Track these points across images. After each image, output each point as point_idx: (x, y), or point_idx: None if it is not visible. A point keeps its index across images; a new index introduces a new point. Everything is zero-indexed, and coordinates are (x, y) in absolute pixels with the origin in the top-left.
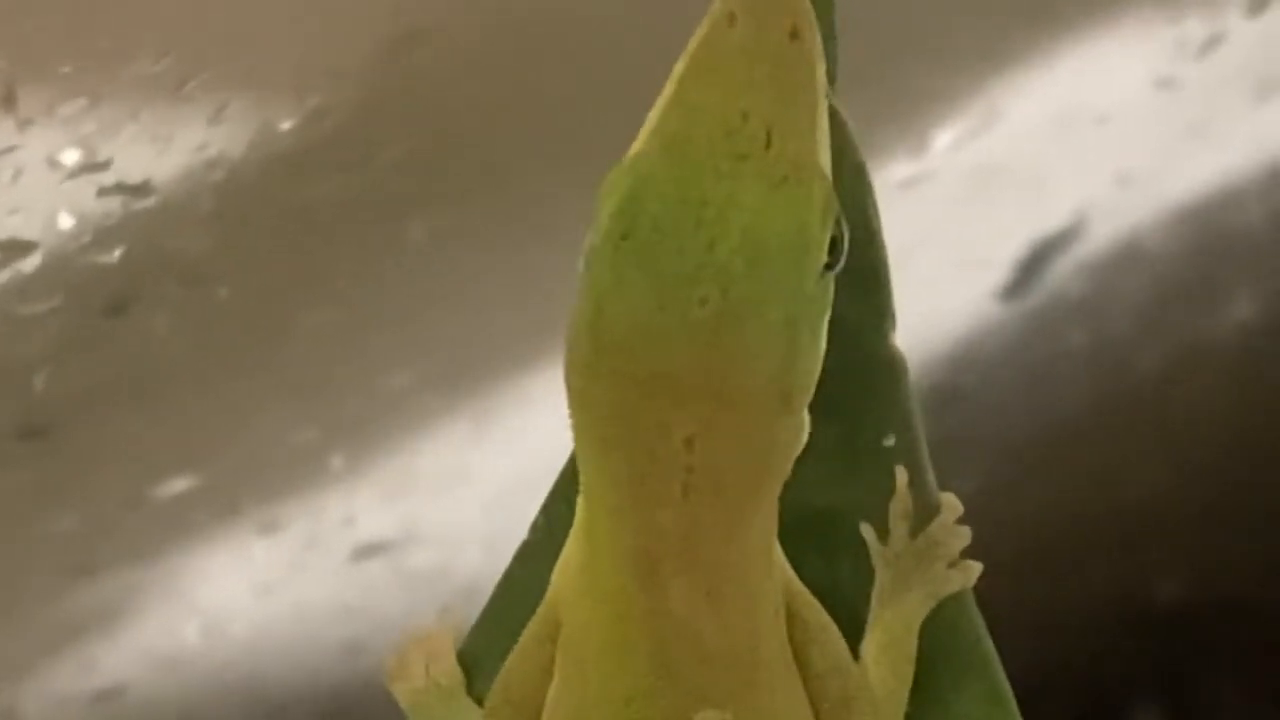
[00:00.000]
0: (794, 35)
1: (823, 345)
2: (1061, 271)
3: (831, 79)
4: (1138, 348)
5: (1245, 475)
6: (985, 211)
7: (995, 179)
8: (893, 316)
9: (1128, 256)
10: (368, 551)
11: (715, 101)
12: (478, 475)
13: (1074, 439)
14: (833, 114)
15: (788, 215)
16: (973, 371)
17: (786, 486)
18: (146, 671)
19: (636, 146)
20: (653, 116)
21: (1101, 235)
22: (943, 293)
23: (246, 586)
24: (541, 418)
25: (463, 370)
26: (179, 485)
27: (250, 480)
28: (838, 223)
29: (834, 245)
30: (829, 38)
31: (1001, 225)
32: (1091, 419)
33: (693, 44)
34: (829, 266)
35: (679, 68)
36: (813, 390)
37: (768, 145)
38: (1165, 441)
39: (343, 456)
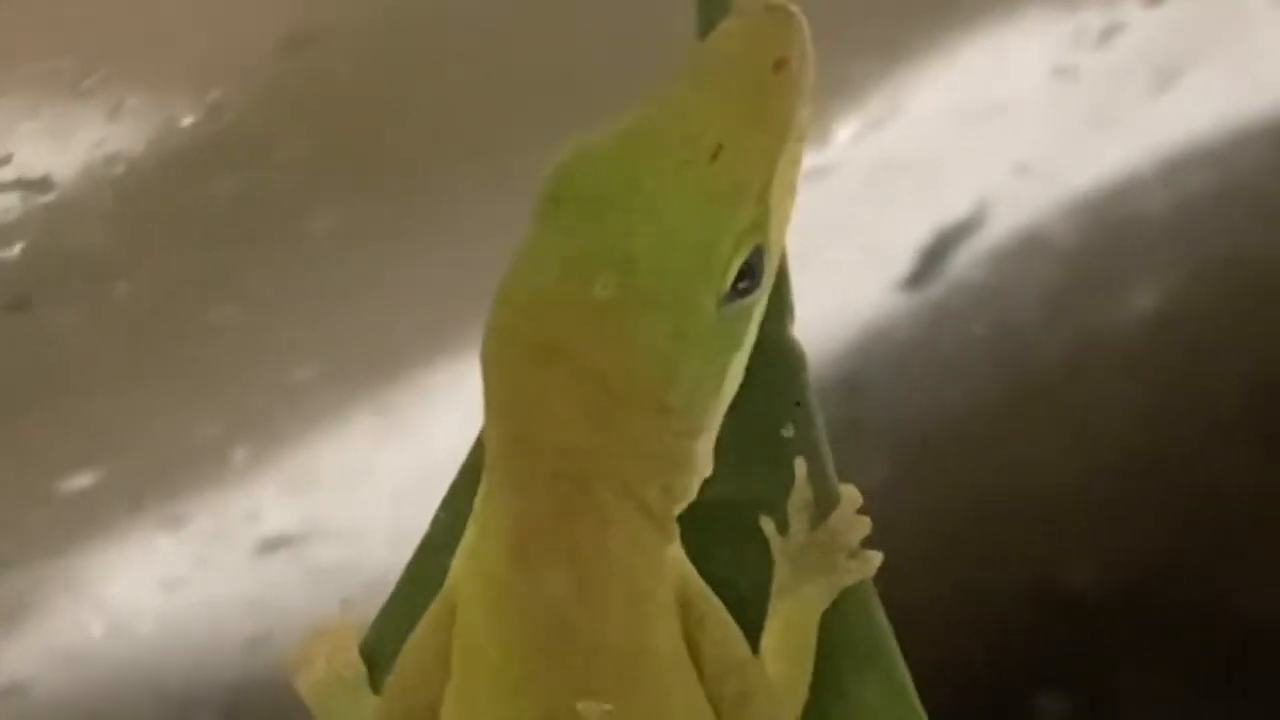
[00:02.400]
0: (780, 66)
1: (727, 377)
2: (963, 261)
3: None
4: (1041, 336)
5: (1150, 463)
6: (887, 202)
7: (897, 170)
8: (791, 308)
9: (1029, 246)
10: (272, 546)
11: (680, 105)
12: (382, 470)
13: (978, 428)
14: None
15: (703, 231)
16: (877, 361)
17: None
18: (50, 668)
19: None
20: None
21: (1003, 225)
22: (846, 284)
23: (151, 582)
24: (445, 413)
25: (366, 365)
26: (82, 481)
27: (154, 476)
28: (757, 253)
29: (747, 273)
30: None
31: (904, 216)
32: (996, 408)
33: (693, 51)
34: (737, 294)
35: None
36: (708, 417)
37: (714, 159)
38: (1070, 430)
39: (246, 452)
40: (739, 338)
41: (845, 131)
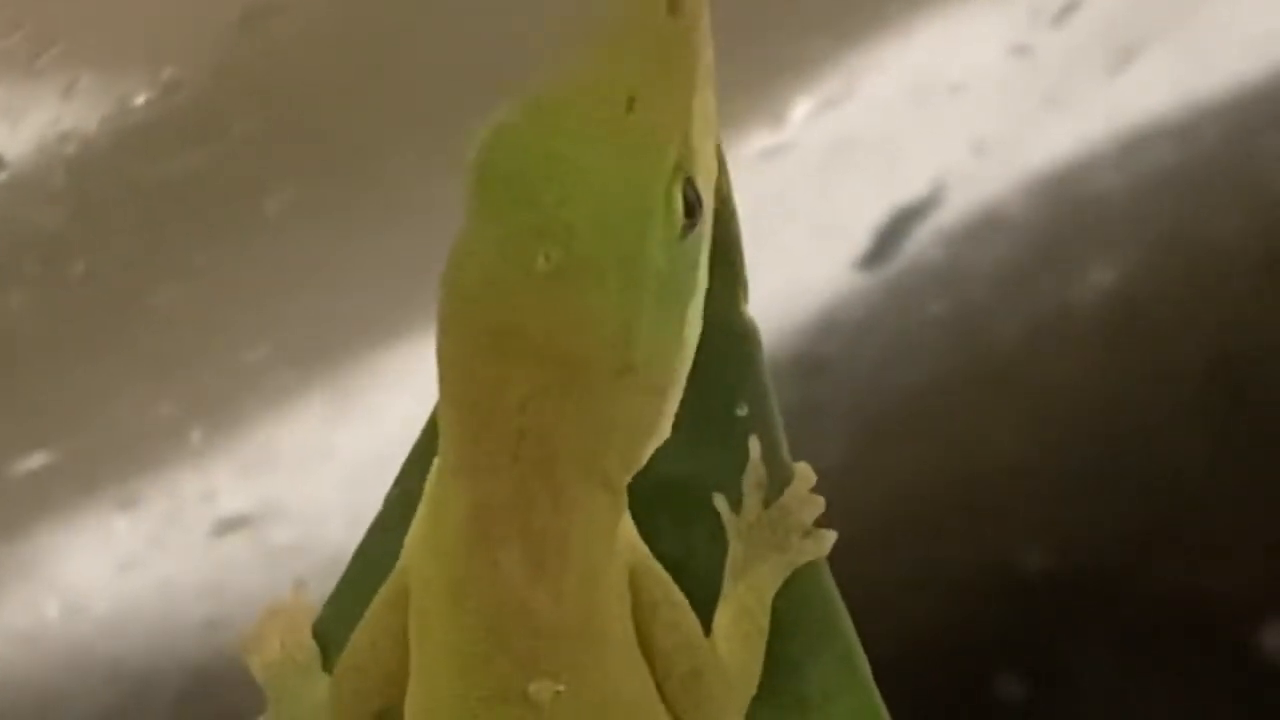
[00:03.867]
0: (674, 10)
1: (686, 324)
2: (920, 240)
3: None
4: (997, 316)
5: (1106, 443)
6: (843, 181)
7: (853, 149)
8: (745, 285)
9: (986, 225)
10: (227, 527)
11: (584, 68)
12: (337, 450)
13: (935, 407)
14: None
15: (633, 180)
16: (833, 341)
17: None
18: (5, 649)
19: None
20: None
21: (959, 204)
22: (802, 263)
23: (106, 563)
24: (400, 393)
25: (320, 345)
26: (36, 461)
27: (108, 456)
28: (690, 186)
29: (687, 211)
30: None
31: (860, 195)
32: (952, 387)
33: (589, 10)
34: (683, 233)
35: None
36: (673, 371)
37: (628, 111)
38: (1026, 410)
39: (201, 432)
40: (689, 283)
41: (800, 110)
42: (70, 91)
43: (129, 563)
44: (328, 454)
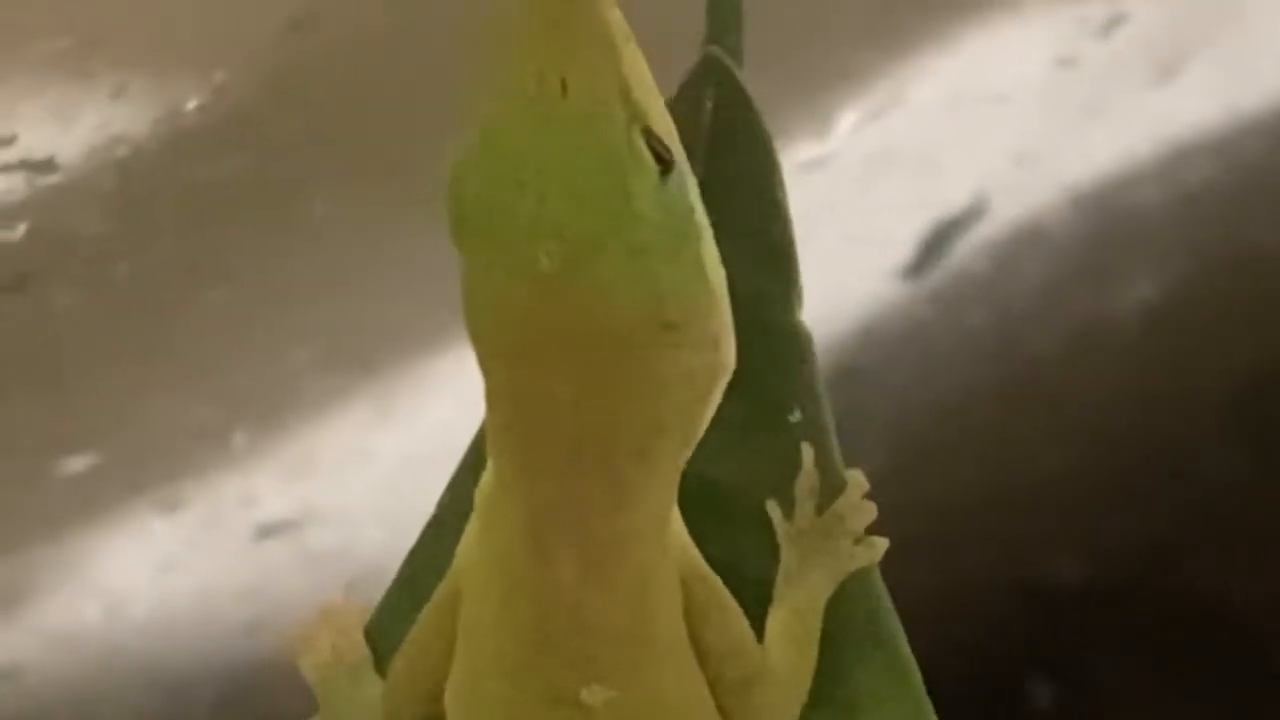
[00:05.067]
0: None
1: (705, 267)
2: (962, 251)
3: (739, 60)
4: (1037, 327)
5: (1144, 454)
6: (887, 191)
7: (896, 160)
8: (799, 290)
9: (1028, 236)
10: (268, 531)
11: (510, 71)
12: (379, 455)
13: (973, 418)
14: (739, 91)
15: (593, 147)
16: (873, 351)
17: (691, 460)
18: (44, 652)
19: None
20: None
21: (1002, 215)
22: (844, 272)
23: (146, 566)
24: (442, 397)
25: (364, 349)
26: (79, 464)
27: (150, 459)
28: (650, 133)
29: (657, 157)
30: (735, 20)
31: (903, 205)
32: (991, 399)
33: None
34: (662, 178)
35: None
36: (711, 316)
37: (564, 93)
38: (1063, 422)
39: (244, 435)
40: (691, 226)
41: (845, 121)
42: (120, 95)
43: (169, 566)
44: (368, 458)
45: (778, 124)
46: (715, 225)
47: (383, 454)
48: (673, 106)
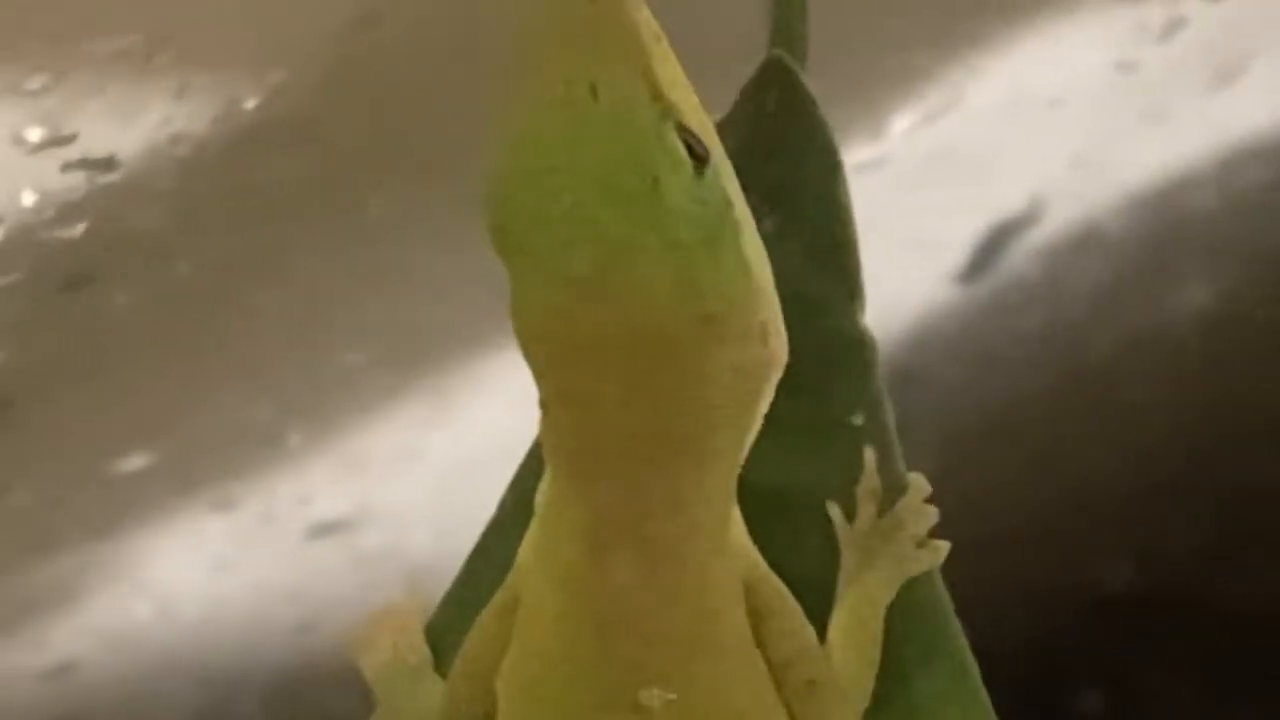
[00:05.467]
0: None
1: (747, 258)
2: (1018, 255)
3: (802, 63)
4: (1092, 332)
5: (1196, 461)
6: (942, 194)
7: (952, 163)
8: (862, 295)
9: (1084, 240)
10: (321, 531)
11: (539, 77)
12: (431, 456)
13: (1025, 422)
14: (803, 94)
15: (623, 147)
16: (926, 354)
17: (752, 463)
18: (97, 649)
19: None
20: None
21: (1058, 219)
22: (899, 275)
23: (199, 564)
24: (495, 399)
25: (418, 350)
26: (135, 462)
27: (206, 458)
28: (682, 129)
29: (690, 150)
30: (799, 23)
31: (958, 208)
32: (1045, 403)
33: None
34: (693, 173)
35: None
36: (755, 308)
37: (594, 96)
38: (1117, 427)
39: (298, 435)
40: (729, 218)
41: (900, 123)
42: (182, 93)
43: (221, 565)
44: (421, 459)
45: (832, 125)
46: (779, 229)
47: (435, 455)
48: (736, 110)
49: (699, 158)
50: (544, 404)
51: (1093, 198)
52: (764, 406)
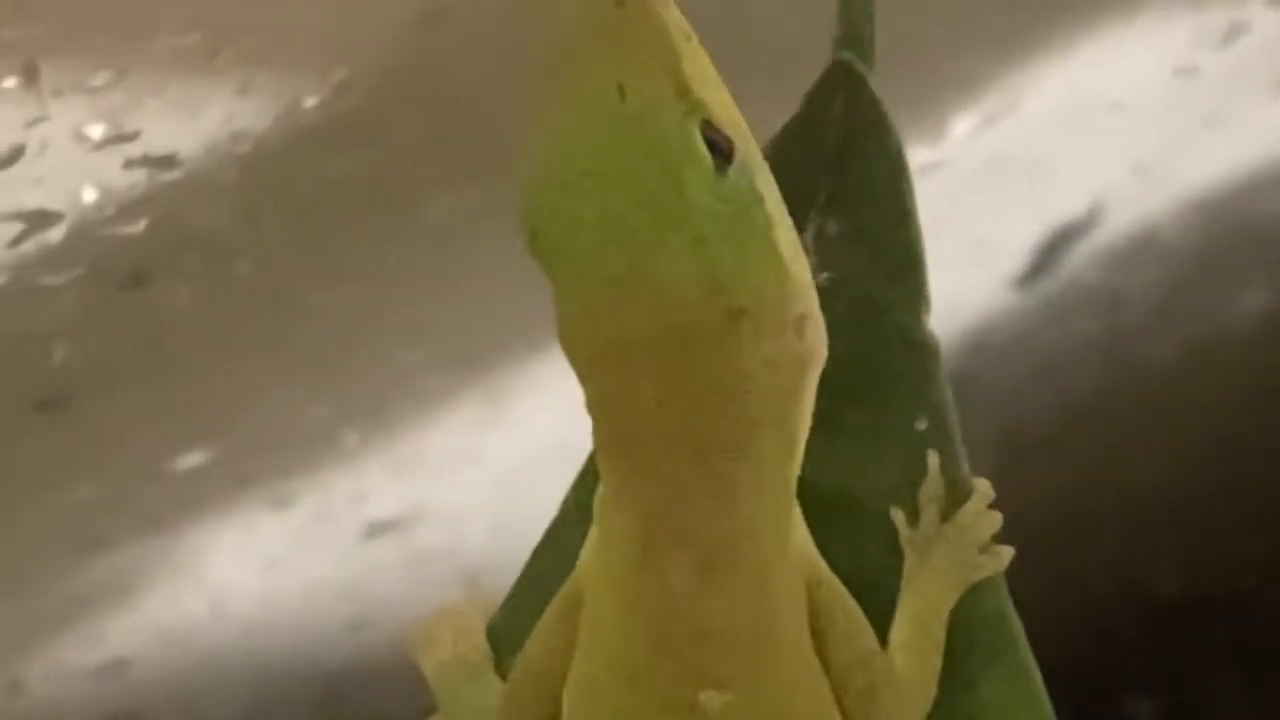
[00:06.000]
0: (619, 3)
1: (780, 253)
2: (1077, 260)
3: (870, 66)
4: (1151, 337)
5: (1255, 467)
6: (1002, 198)
7: (1012, 166)
8: (927, 299)
9: (1143, 245)
10: (377, 530)
11: (570, 81)
12: (487, 455)
13: (1080, 428)
14: (870, 98)
15: (647, 147)
16: (984, 358)
17: (815, 466)
18: (152, 646)
19: None
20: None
21: (1117, 224)
22: (958, 279)
23: (255, 562)
24: (552, 400)
25: (476, 350)
26: (193, 459)
27: (263, 455)
28: (709, 127)
29: (713, 149)
30: (866, 26)
31: (1018, 212)
32: (1099, 409)
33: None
34: (716, 170)
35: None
36: (790, 302)
37: (623, 100)
38: (1171, 433)
39: (355, 434)
40: (759, 214)
41: (961, 127)
42: (245, 91)
43: (276, 563)
44: (476, 459)
45: None
46: (845, 233)
47: (491, 455)
48: (801, 113)
49: (724, 154)
50: (589, 407)
51: (1152, 203)
52: (807, 402)
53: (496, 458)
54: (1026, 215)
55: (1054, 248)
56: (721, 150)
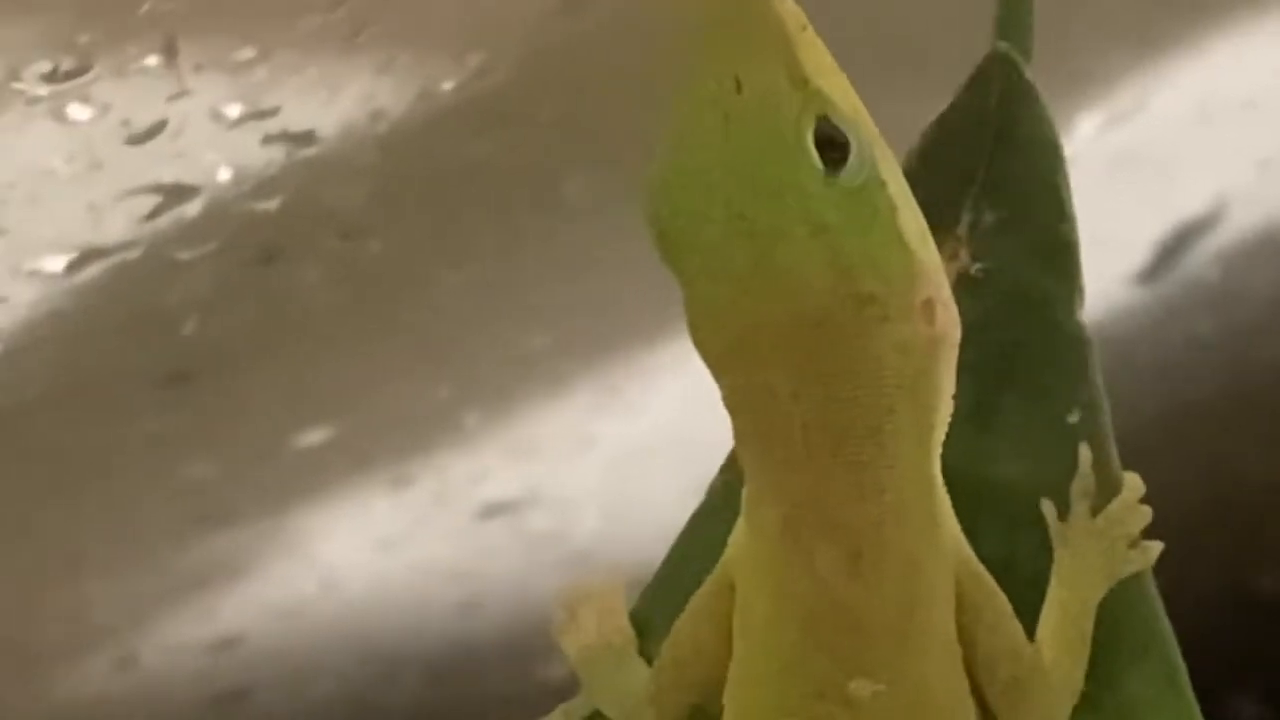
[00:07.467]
0: None
1: (905, 239)
2: (1197, 258)
3: (1028, 57)
4: (1266, 338)
5: None
6: (1126, 195)
7: (1137, 164)
8: (1082, 291)
9: (1265, 245)
10: (491, 511)
11: (690, 75)
12: (603, 441)
13: (1192, 426)
14: (1027, 88)
15: (765, 139)
16: (1105, 353)
17: (966, 456)
18: (265, 622)
19: None
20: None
21: (1241, 222)
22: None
23: (368, 542)
24: (669, 387)
25: (598, 336)
26: (315, 437)
27: (383, 435)
28: (826, 122)
29: (828, 143)
30: (1025, 16)
31: (1140, 210)
32: (1212, 407)
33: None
34: (832, 164)
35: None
36: (918, 285)
37: (739, 93)
38: None
39: (475, 416)
40: (884, 198)
41: (1088, 124)
42: (385, 70)
43: (389, 543)
44: (592, 444)
45: None
46: (1001, 223)
47: (607, 440)
48: (957, 103)
49: (842, 143)
50: (725, 402)
51: (1275, 201)
52: (944, 385)
53: (612, 444)
54: (1149, 212)
55: (1177, 245)
56: (836, 140)
